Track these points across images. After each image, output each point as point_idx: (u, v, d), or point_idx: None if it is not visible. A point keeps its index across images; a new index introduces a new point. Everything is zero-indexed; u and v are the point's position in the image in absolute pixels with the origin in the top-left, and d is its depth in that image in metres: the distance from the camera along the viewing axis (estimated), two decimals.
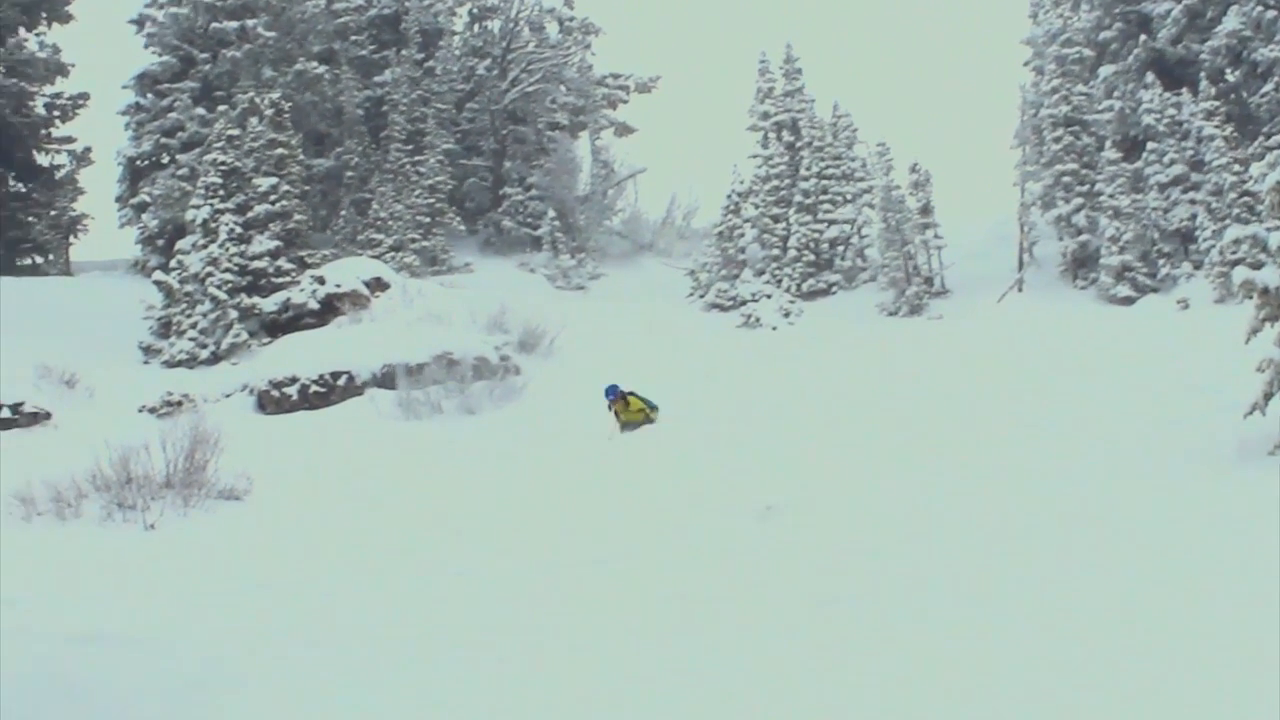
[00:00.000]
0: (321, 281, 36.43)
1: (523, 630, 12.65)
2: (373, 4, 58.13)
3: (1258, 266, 17.68)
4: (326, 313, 35.85)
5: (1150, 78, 42.51)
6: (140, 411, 29.84)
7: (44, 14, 53.52)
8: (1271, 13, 41.24)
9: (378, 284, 37.49)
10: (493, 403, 30.39)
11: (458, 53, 57.83)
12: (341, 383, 31.87)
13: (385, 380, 31.84)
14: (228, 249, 35.76)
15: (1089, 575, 12.21)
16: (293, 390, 31.61)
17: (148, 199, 47.78)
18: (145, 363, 34.61)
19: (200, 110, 48.69)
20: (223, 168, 37.03)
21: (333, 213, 52.02)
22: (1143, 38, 44.88)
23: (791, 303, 43.28)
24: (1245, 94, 42.85)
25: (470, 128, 57.24)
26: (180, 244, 37.08)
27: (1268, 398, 17.50)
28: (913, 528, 16.02)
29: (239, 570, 17.39)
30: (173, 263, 36.71)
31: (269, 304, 36.01)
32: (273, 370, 32.35)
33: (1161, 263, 39.25)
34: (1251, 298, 17.72)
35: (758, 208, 47.03)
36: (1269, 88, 41.01)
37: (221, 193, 36.68)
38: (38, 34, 53.94)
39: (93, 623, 14.22)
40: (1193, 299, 36.78)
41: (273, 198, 37.87)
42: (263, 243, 36.89)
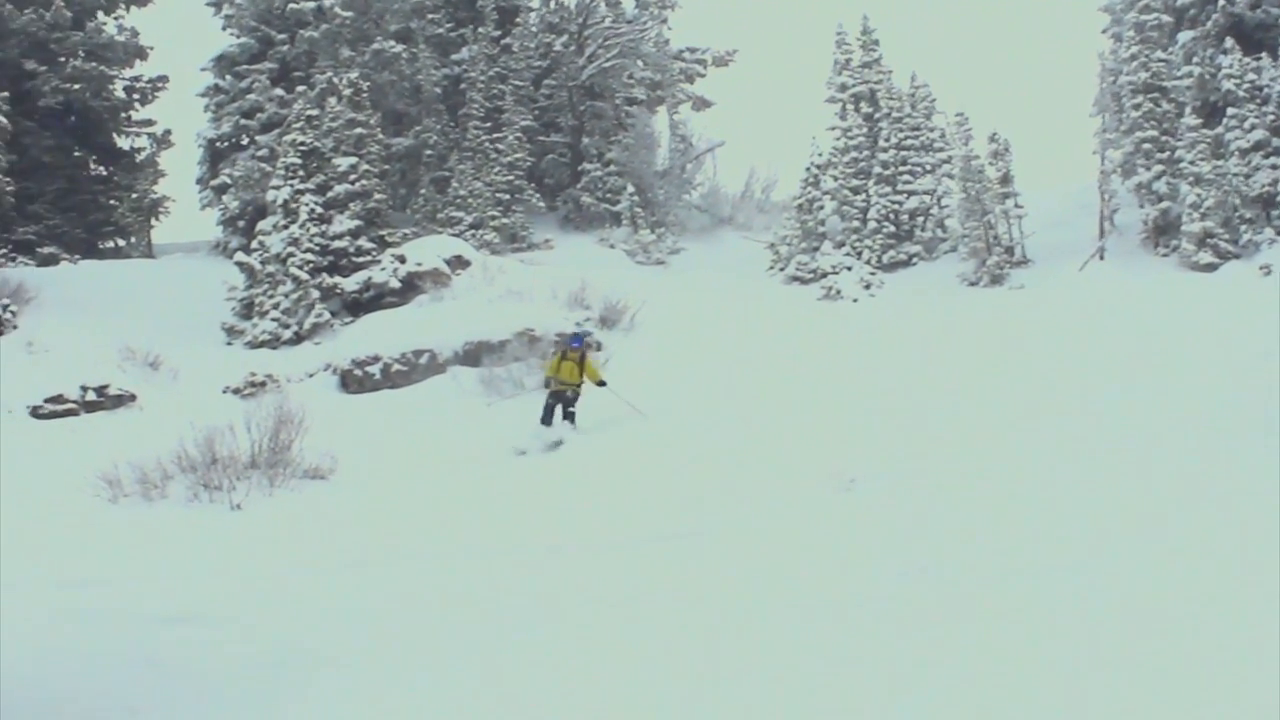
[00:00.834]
0: (402, 260, 36.48)
1: (611, 603, 12.59)
2: None
3: None
4: (408, 291, 35.89)
5: (1229, 42, 41.76)
6: (224, 392, 30.00)
7: None
8: None
9: (458, 262, 37.52)
10: None
11: (534, 29, 57.57)
12: (424, 361, 31.91)
13: (467, 358, 31.87)
14: (308, 229, 35.82)
15: (1178, 552, 12.02)
16: (375, 369, 31.68)
17: (228, 180, 47.92)
18: (228, 344, 34.77)
19: (279, 91, 48.74)
20: (302, 148, 37.07)
21: (412, 191, 52.04)
22: (1221, 2, 44.02)
23: (872, 274, 42.96)
24: None
25: (548, 104, 57.06)
26: (261, 225, 37.18)
27: None
28: (996, 500, 15.87)
29: (325, 549, 17.42)
30: (254, 244, 36.83)
31: (350, 283, 36.07)
32: (355, 349, 32.43)
33: (1243, 229, 38.62)
34: None
35: (836, 180, 46.66)
36: None
37: (301, 173, 36.74)
38: (116, 18, 54.21)
39: (182, 603, 14.27)
40: (1276, 265, 36.25)
41: (352, 177, 37.90)
42: (343, 222, 36.93)
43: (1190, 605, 10.17)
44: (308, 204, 36.17)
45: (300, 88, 44.30)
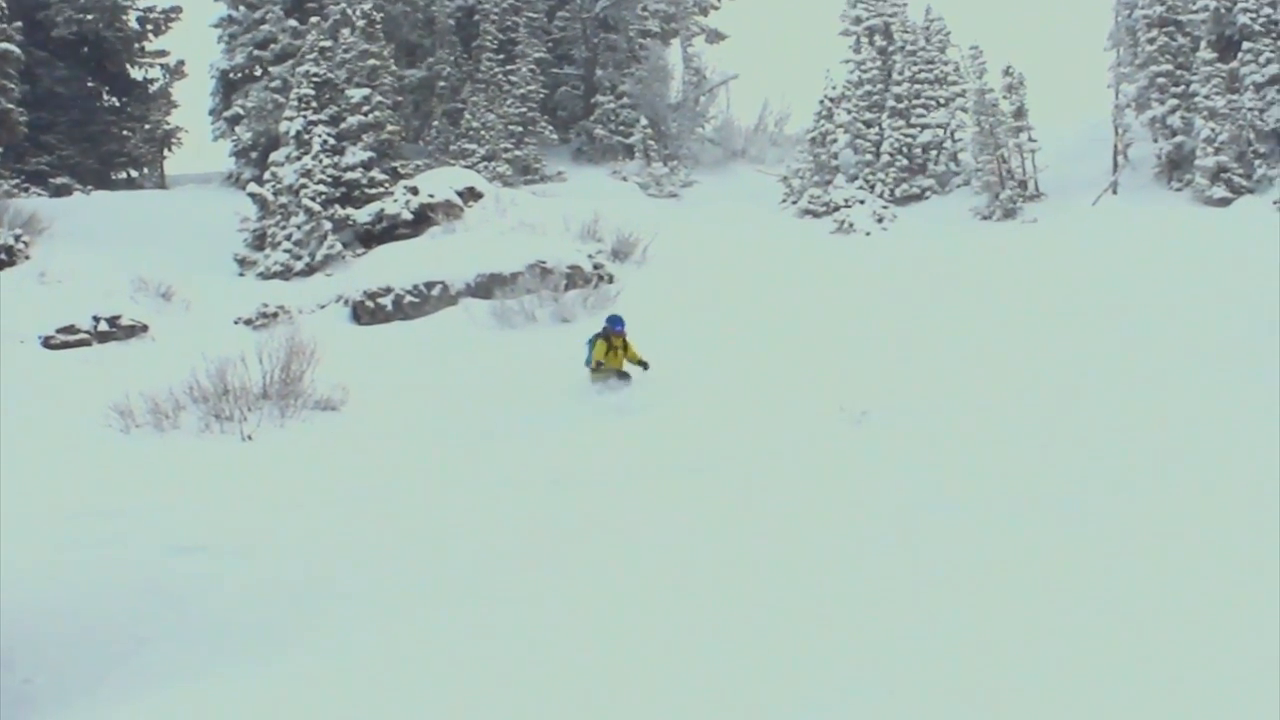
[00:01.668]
0: (415, 192, 36.39)
1: (621, 536, 12.60)
2: None
3: None
4: (420, 223, 35.82)
5: None
6: (236, 323, 29.98)
7: None
8: None
9: (471, 194, 37.42)
10: (586, 311, 30.24)
11: None
12: (436, 293, 31.86)
13: (479, 290, 31.84)
14: (321, 161, 35.72)
15: (1188, 487, 12.02)
16: (387, 301, 31.64)
17: (241, 112, 47.79)
18: (240, 275, 34.73)
19: (292, 22, 48.44)
20: (315, 79, 36.92)
21: (425, 123, 51.93)
22: None
23: (885, 208, 42.86)
24: None
25: (561, 36, 56.82)
26: (274, 156, 37.07)
27: None
28: (1008, 434, 15.87)
29: (336, 480, 17.47)
30: (266, 175, 36.73)
31: (363, 215, 36.00)
32: (367, 281, 32.38)
33: (1258, 164, 38.47)
34: None
35: (850, 113, 46.53)
36: None
37: (314, 104, 36.59)
38: None
39: (192, 534, 14.33)
40: None
41: (365, 109, 37.76)
42: (356, 154, 36.82)
43: (1198, 541, 10.18)
44: (320, 135, 36.06)
45: (314, 19, 43.95)
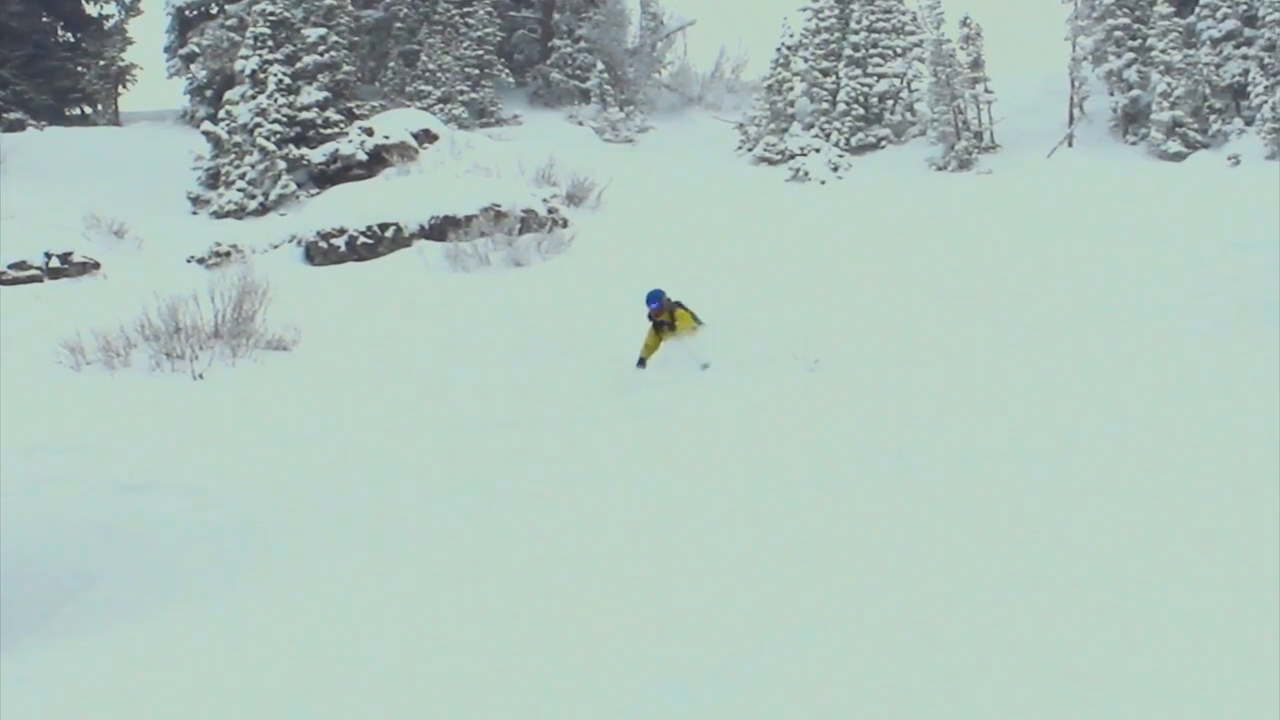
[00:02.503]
0: (370, 133, 36.29)
1: (570, 478, 12.66)
2: None
3: None
4: (375, 164, 35.73)
5: None
6: (189, 262, 29.88)
7: None
8: None
9: (426, 136, 37.35)
10: (540, 255, 30.30)
11: None
12: (389, 234, 31.81)
13: (433, 232, 31.78)
14: (276, 100, 35.55)
15: (1145, 432, 12.12)
16: (341, 241, 31.58)
17: (196, 49, 47.52)
18: (194, 213, 34.56)
19: None
20: (271, 18, 36.70)
21: (381, 64, 51.74)
22: None
23: (840, 157, 42.98)
24: None
25: None
26: (229, 95, 36.88)
27: None
28: (960, 382, 15.98)
29: (286, 420, 17.52)
30: (221, 113, 36.53)
31: (317, 155, 35.87)
32: (321, 221, 32.29)
33: (1213, 119, 38.80)
34: None
35: (807, 61, 46.58)
36: None
37: (270, 43, 36.39)
38: None
39: (142, 471, 14.38)
40: (1244, 155, 36.43)
41: (321, 49, 37.57)
42: (311, 94, 36.66)
43: (1161, 484, 10.28)
44: (276, 75, 35.89)
45: None
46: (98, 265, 28.34)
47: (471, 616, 8.39)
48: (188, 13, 50.13)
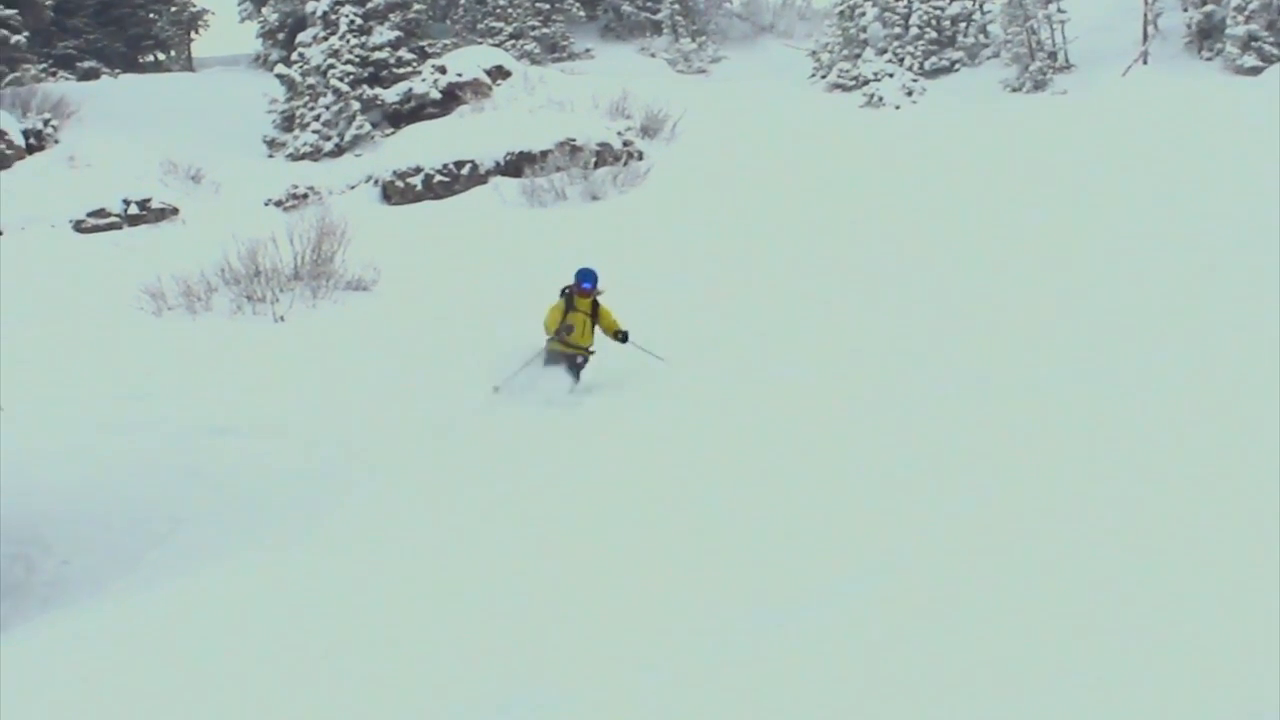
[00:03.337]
0: (443, 71, 36.22)
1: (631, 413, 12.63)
2: None
3: None
4: (449, 102, 35.68)
5: None
6: (266, 205, 30.00)
7: None
8: None
9: (499, 72, 37.25)
10: (616, 188, 30.20)
11: None
12: (465, 172, 31.79)
13: (509, 168, 31.74)
14: (348, 41, 35.53)
15: (1189, 357, 11.93)
16: (417, 180, 31.59)
17: None
18: (269, 156, 34.68)
19: None
20: None
21: (452, 2, 51.59)
22: None
23: (914, 81, 42.47)
24: None
25: None
26: (301, 37, 36.89)
27: None
28: (1019, 304, 15.83)
29: (368, 362, 17.52)
30: (294, 56, 36.57)
31: (391, 95, 35.85)
32: (396, 161, 32.33)
33: None
34: None
35: None
36: None
37: None
38: None
39: (225, 415, 14.43)
40: None
41: None
42: (383, 33, 36.59)
43: (1204, 409, 10.12)
44: (347, 15, 35.84)
45: None
46: (176, 211, 28.49)
47: (553, 553, 8.39)
48: None
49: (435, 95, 35.49)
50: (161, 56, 53.14)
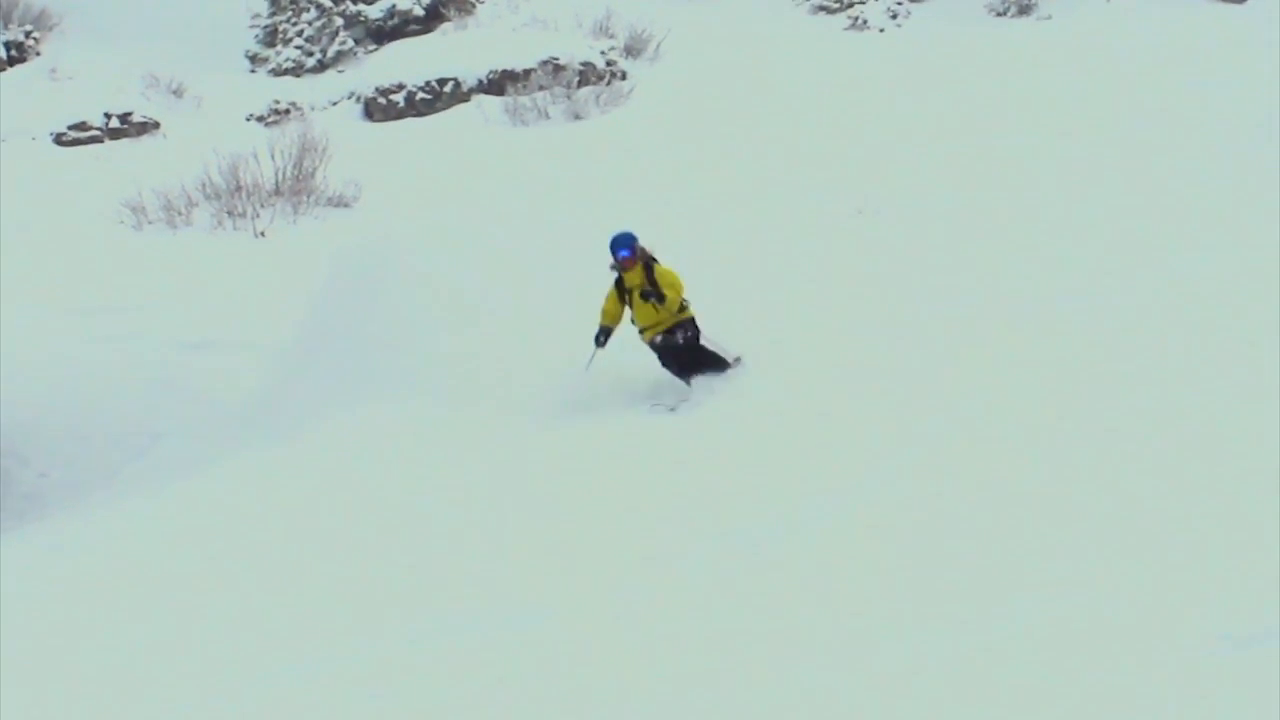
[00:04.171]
0: None
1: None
2: None
3: None
4: (432, 19, 35.49)
5: None
6: (248, 120, 29.89)
7: None
8: None
9: None
10: (599, 108, 30.15)
11: None
12: (448, 90, 31.69)
13: (492, 87, 31.64)
14: None
15: (1177, 270, 12.04)
16: (399, 97, 31.49)
17: None
18: (252, 71, 34.48)
19: None
20: None
21: None
22: None
23: (899, 4, 42.23)
24: None
25: None
26: None
27: None
28: (1001, 226, 15.94)
29: (346, 276, 17.53)
30: None
31: (374, 11, 35.64)
32: (379, 78, 32.20)
33: None
34: None
35: None
36: None
37: None
38: None
39: (204, 329, 14.48)
40: None
41: None
42: None
43: (1193, 320, 10.23)
44: None
45: None
46: (157, 125, 28.41)
47: (524, 480, 8.50)
48: None
49: (419, 12, 35.29)
50: None
